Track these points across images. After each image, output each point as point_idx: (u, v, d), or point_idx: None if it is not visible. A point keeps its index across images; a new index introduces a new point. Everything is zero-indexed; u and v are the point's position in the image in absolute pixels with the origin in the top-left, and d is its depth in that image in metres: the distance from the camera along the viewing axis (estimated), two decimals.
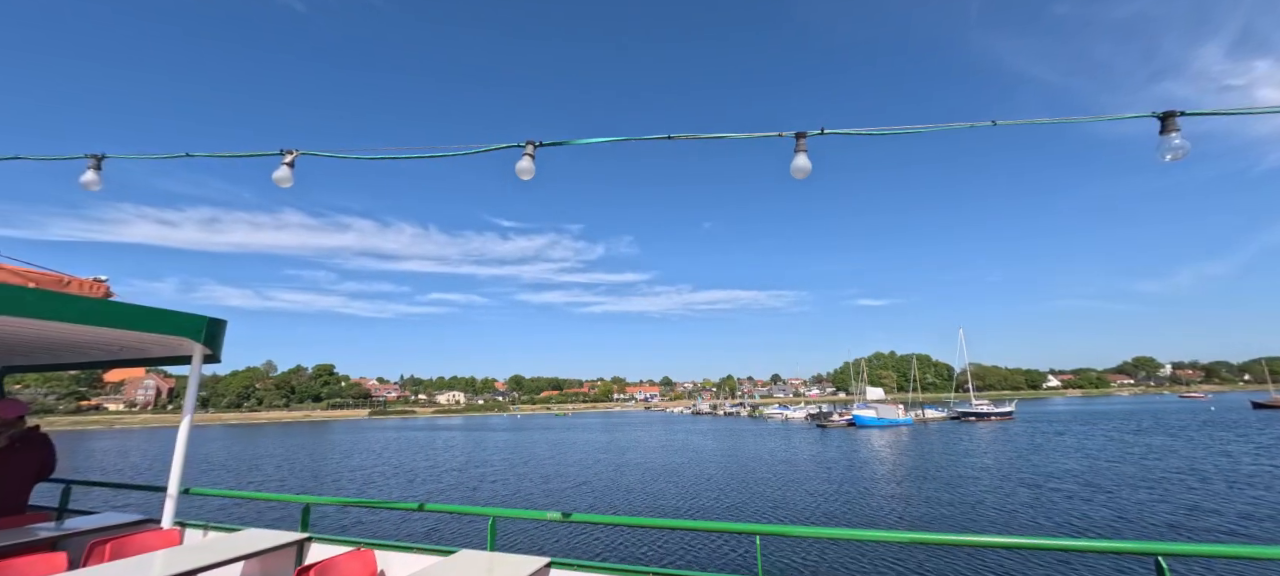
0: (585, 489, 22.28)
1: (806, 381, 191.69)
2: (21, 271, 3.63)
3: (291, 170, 3.81)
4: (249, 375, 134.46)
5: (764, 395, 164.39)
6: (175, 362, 4.76)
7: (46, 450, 4.46)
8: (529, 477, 25.99)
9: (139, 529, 4.17)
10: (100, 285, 3.98)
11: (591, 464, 30.38)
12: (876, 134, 3.42)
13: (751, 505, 18.01)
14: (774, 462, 28.49)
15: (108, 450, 49.19)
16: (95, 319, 3.47)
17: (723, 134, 3.57)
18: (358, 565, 3.65)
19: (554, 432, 59.26)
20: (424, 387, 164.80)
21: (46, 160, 3.52)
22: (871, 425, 55.31)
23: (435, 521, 15.04)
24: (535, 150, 3.56)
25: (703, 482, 22.84)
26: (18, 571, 3.21)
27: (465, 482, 25.52)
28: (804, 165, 3.36)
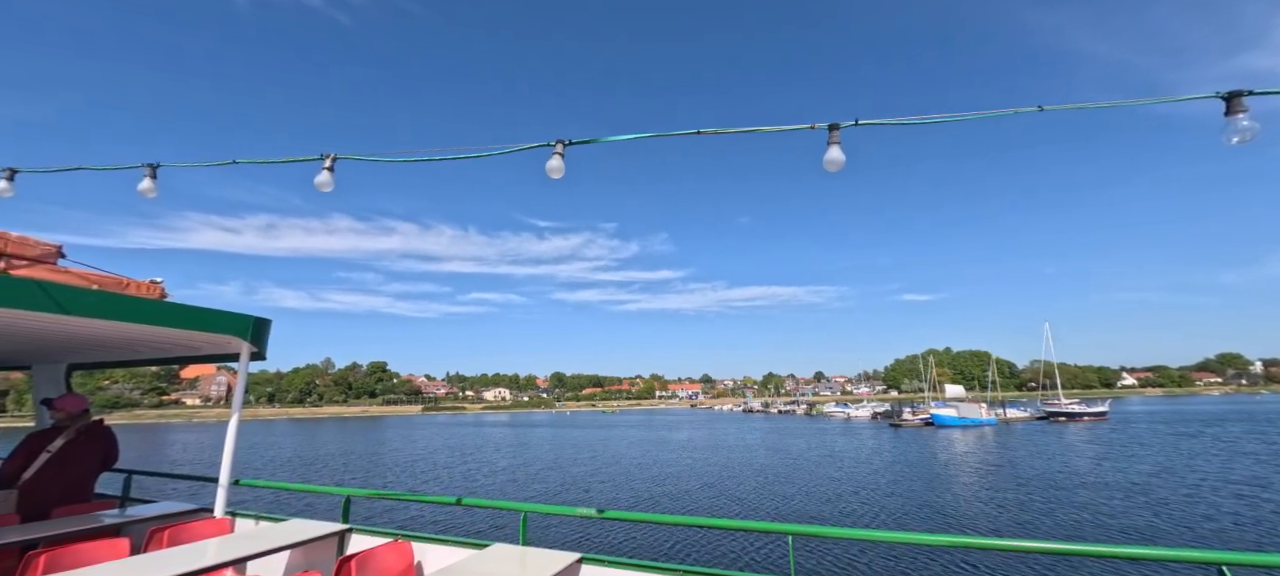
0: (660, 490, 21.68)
1: (852, 379, 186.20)
2: (86, 274, 3.94)
3: (331, 174, 3.92)
4: (310, 372, 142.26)
5: (813, 394, 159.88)
6: (224, 359, 5.04)
7: (109, 441, 4.80)
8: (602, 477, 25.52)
9: (194, 517, 4.43)
10: (156, 287, 4.25)
11: (656, 463, 29.81)
12: (915, 123, 3.23)
13: (848, 512, 16.78)
14: (852, 465, 26.87)
15: (184, 443, 53.32)
16: (149, 318, 3.72)
17: (753, 128, 3.45)
18: (396, 556, 3.75)
19: (605, 430, 58.96)
20: (469, 384, 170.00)
21: (108, 170, 3.75)
22: (952, 425, 51.95)
23: (472, 515, 15.49)
24: (564, 149, 3.56)
25: (782, 485, 21.57)
26: (86, 556, 3.45)
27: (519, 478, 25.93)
28: (837, 158, 3.22)
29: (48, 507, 4.36)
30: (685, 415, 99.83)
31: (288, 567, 4.19)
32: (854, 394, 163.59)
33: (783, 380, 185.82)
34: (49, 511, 4.35)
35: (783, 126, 3.36)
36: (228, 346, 4.53)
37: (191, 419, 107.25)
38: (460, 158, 3.89)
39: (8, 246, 3.88)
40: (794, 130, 3.35)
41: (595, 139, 3.67)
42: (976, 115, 3.15)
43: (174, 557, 3.35)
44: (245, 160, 4.12)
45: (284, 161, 4.13)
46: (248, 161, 4.25)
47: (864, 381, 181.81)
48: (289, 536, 3.83)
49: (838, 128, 3.25)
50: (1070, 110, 3.24)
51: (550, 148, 3.55)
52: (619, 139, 3.66)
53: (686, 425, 66.20)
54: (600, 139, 3.67)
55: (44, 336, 4.36)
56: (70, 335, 4.30)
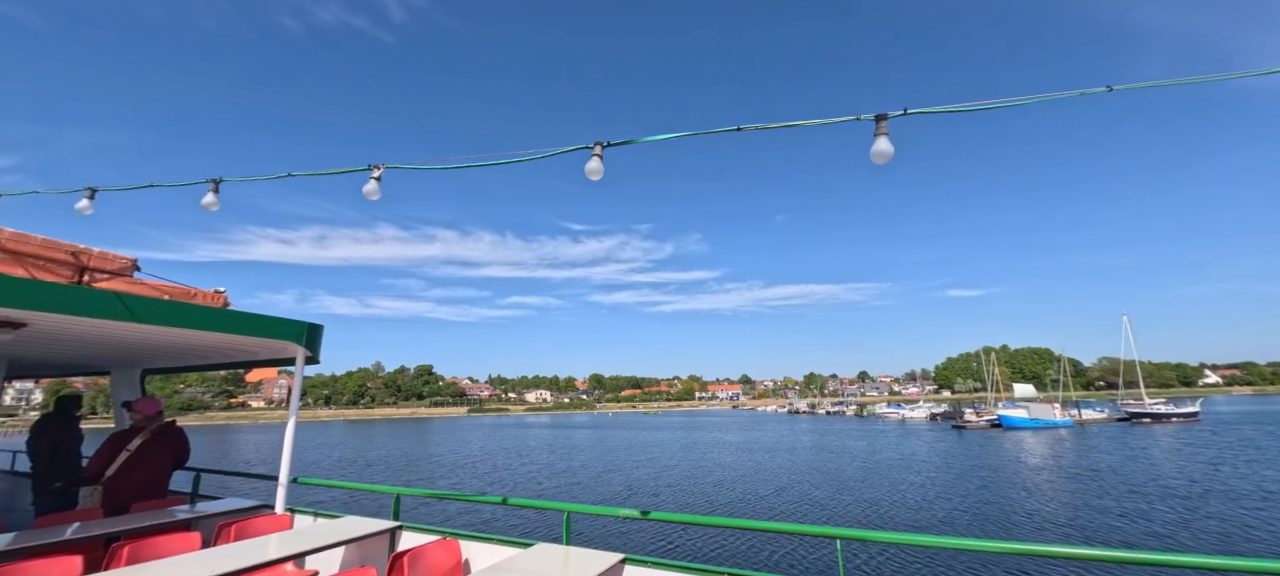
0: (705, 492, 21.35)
1: (899, 379, 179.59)
2: (158, 285, 4.24)
3: (379, 184, 4.06)
4: (362, 375, 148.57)
5: (861, 394, 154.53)
6: (281, 363, 5.32)
7: (181, 441, 5.13)
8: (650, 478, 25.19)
9: (257, 513, 4.67)
10: (220, 296, 4.53)
11: (701, 464, 29.32)
12: (969, 111, 3.06)
13: (915, 520, 15.96)
14: (916, 469, 25.44)
15: (249, 442, 56.61)
16: (213, 325, 3.96)
17: (795, 122, 3.35)
18: (444, 553, 3.83)
19: (647, 432, 58.44)
20: (511, 386, 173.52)
21: (177, 186, 3.99)
22: (1022, 426, 48.56)
23: (516, 514, 15.76)
24: (603, 150, 3.56)
25: (838, 489, 20.61)
26: (163, 548, 3.68)
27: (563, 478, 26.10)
28: (885, 149, 3.09)
29: (128, 503, 4.69)
30: (727, 416, 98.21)
31: (343, 562, 4.35)
32: (903, 394, 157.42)
33: (825, 380, 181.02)
34: (129, 506, 4.68)
35: (826, 120, 3.25)
36: (284, 351, 4.77)
37: (257, 420, 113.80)
38: (500, 162, 3.94)
39: (90, 260, 4.21)
40: (838, 123, 3.24)
41: (633, 139, 3.65)
42: (1037, 98, 2.96)
43: (241, 552, 3.53)
44: (300, 173, 4.30)
45: (334, 173, 4.29)
46: (301, 174, 4.44)
47: (912, 381, 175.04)
48: (344, 532, 3.97)
49: (885, 118, 3.12)
50: (1144, 89, 2.98)
51: (589, 150, 3.56)
52: (657, 139, 3.62)
53: (730, 426, 64.95)
54: (638, 139, 3.65)
55: (122, 343, 4.70)
56: (145, 342, 4.62)
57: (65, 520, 4.40)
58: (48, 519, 4.48)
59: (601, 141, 3.55)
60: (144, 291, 4.20)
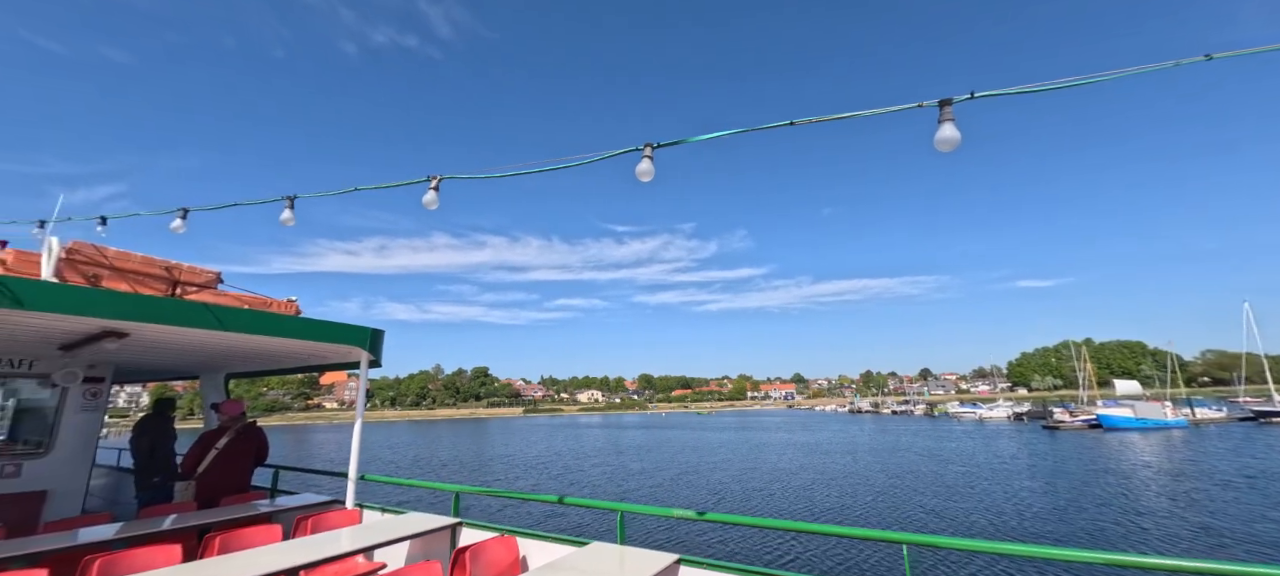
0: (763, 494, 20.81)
1: (966, 376, 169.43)
2: (239, 296, 4.60)
3: (437, 193, 4.21)
4: (423, 377, 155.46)
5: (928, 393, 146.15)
6: (347, 367, 5.65)
7: (262, 440, 5.52)
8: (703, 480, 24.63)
9: (330, 508, 4.94)
10: (292, 305, 4.85)
11: (760, 466, 28.59)
12: (1042, 91, 2.81)
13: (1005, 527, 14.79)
14: (1007, 476, 23.25)
15: (323, 441, 60.43)
16: (287, 331, 4.26)
17: (852, 113, 3.20)
18: (503, 550, 3.92)
19: (701, 432, 57.50)
20: (562, 387, 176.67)
21: (257, 204, 4.27)
22: (1127, 427, 44.00)
23: (571, 513, 15.97)
24: (653, 152, 3.53)
25: (916, 495, 19.18)
26: (249, 539, 3.95)
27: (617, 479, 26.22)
28: (951, 136, 2.91)
29: (217, 496, 5.09)
30: (784, 416, 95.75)
31: (408, 556, 4.54)
32: (974, 392, 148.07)
33: (884, 378, 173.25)
34: (218, 499, 5.08)
35: (884, 109, 3.08)
36: (350, 355, 5.06)
37: (331, 420, 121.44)
38: (551, 169, 3.96)
39: (181, 275, 4.60)
40: (899, 111, 3.07)
41: (683, 139, 3.58)
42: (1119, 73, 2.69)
43: (317, 544, 3.75)
44: (365, 187, 4.52)
45: (396, 185, 4.46)
46: (366, 188, 4.64)
47: (981, 378, 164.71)
48: (408, 528, 4.14)
49: (950, 103, 2.93)
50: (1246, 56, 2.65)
51: (639, 152, 3.53)
52: (707, 138, 3.53)
53: (788, 426, 63.17)
54: (688, 139, 3.57)
55: (210, 349, 5.11)
56: (229, 348, 5.01)
57: (164, 511, 4.83)
58: (150, 510, 4.93)
59: (651, 143, 3.52)
60: (227, 302, 4.57)
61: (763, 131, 3.43)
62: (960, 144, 2.92)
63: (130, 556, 3.46)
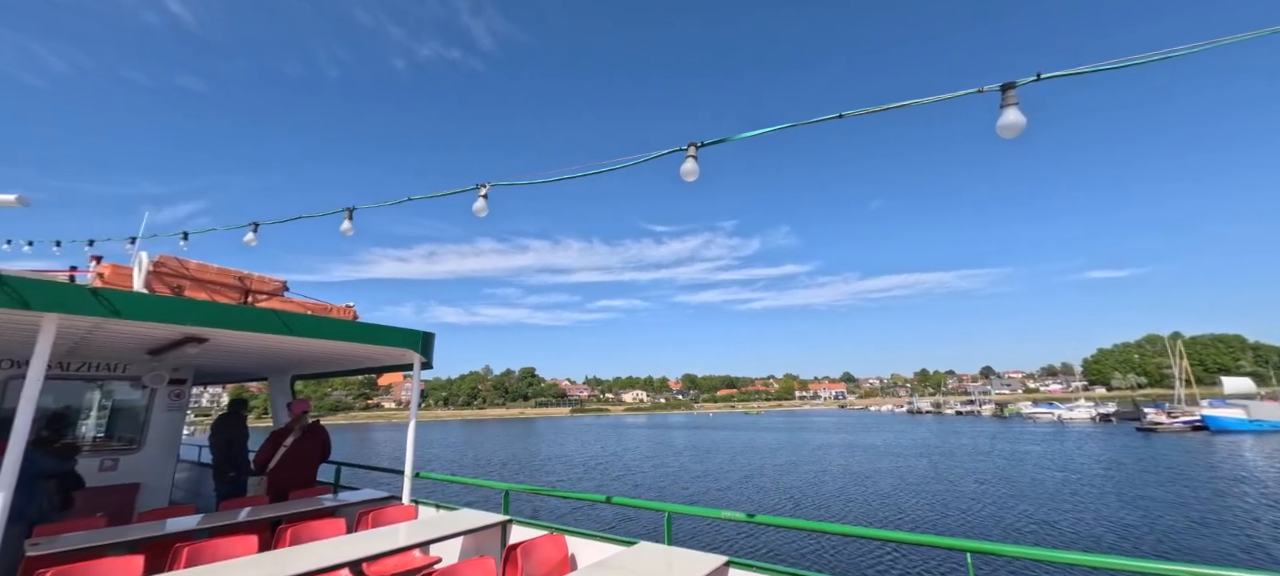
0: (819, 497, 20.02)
1: (1034, 374, 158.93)
2: (303, 303, 4.90)
3: (486, 201, 4.31)
4: (473, 378, 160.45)
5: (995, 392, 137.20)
6: (401, 368, 5.92)
7: (325, 438, 5.85)
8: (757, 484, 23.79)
9: (388, 503, 5.17)
10: (350, 310, 5.13)
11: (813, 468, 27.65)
12: (1115, 68, 2.60)
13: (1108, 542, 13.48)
14: (1104, 483, 21.32)
15: (381, 439, 63.30)
16: (346, 335, 4.51)
17: (907, 102, 3.06)
18: (552, 548, 3.98)
19: (750, 432, 56.23)
20: (607, 387, 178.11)
21: (319, 216, 4.51)
22: (1238, 429, 39.93)
23: (617, 513, 16.05)
24: (697, 151, 3.48)
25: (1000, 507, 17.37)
26: (316, 531, 4.19)
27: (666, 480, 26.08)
28: (1015, 121, 2.73)
29: (286, 490, 5.43)
30: (836, 417, 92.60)
31: (462, 552, 4.68)
32: (1045, 391, 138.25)
33: (942, 376, 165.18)
34: (287, 493, 5.42)
35: (943, 95, 2.91)
36: (403, 358, 5.31)
37: (389, 419, 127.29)
38: (595, 172, 3.94)
39: (252, 284, 4.95)
40: (958, 98, 2.90)
41: (728, 138, 3.50)
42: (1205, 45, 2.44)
43: (378, 537, 3.92)
44: (418, 196, 4.68)
45: (447, 194, 4.59)
46: (420, 197, 4.80)
47: (1050, 376, 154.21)
48: (462, 524, 4.27)
49: (1013, 87, 2.76)
50: None
51: (682, 152, 3.48)
52: (752, 134, 3.44)
53: (843, 427, 60.92)
54: (733, 137, 3.49)
55: (277, 352, 5.46)
56: (294, 352, 5.34)
57: (240, 504, 5.19)
58: (228, 503, 5.32)
59: (695, 142, 3.47)
60: (292, 308, 4.89)
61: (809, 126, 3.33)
62: (1025, 129, 2.75)
63: (213, 545, 3.73)
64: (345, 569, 3.50)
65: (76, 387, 6.15)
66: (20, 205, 8.42)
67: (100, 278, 4.83)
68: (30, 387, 3.04)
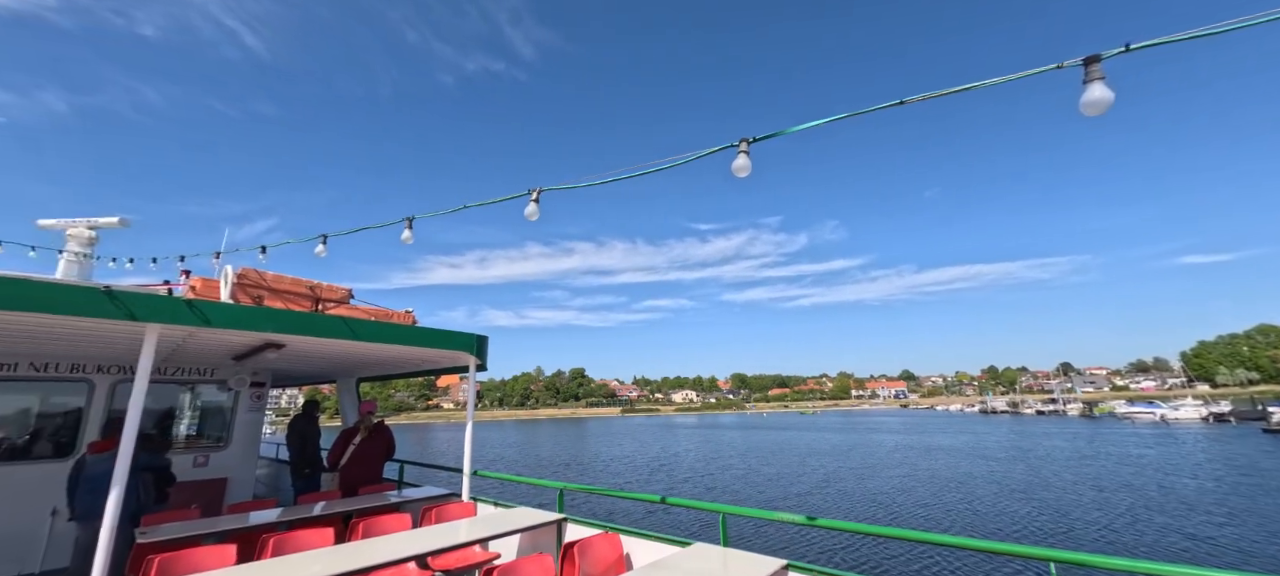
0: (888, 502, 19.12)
1: (1122, 370, 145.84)
2: (367, 309, 5.19)
3: (537, 205, 4.39)
4: (526, 379, 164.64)
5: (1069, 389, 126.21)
6: (457, 370, 6.16)
7: (389, 437, 6.15)
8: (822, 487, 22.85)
9: (449, 500, 5.38)
10: (409, 315, 5.39)
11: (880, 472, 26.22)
12: (1217, 33, 2.34)
13: None
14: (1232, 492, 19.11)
15: (441, 438, 65.91)
16: (405, 339, 4.75)
17: (974, 84, 2.86)
18: (607, 546, 4.01)
19: (809, 433, 54.41)
20: (656, 387, 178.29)
21: (382, 226, 4.74)
22: None
23: (670, 513, 15.98)
24: (749, 146, 3.40)
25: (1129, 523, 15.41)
26: (385, 526, 4.40)
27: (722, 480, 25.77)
28: (1100, 98, 2.48)
29: (356, 486, 5.75)
30: (900, 417, 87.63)
31: (519, 548, 4.80)
32: (1136, 389, 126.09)
33: (1015, 373, 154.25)
34: (356, 489, 5.73)
35: (1016, 75, 2.71)
36: (459, 360, 5.53)
37: (448, 419, 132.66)
38: (646, 172, 3.90)
39: (321, 292, 5.28)
40: (1034, 76, 2.68)
41: (780, 131, 3.39)
42: None
43: (441, 533, 4.08)
44: (473, 204, 4.82)
45: (500, 200, 4.67)
46: (474, 205, 4.93)
47: (1141, 372, 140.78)
48: (519, 521, 4.38)
49: (1099, 60, 2.51)
50: None
51: (734, 148, 3.41)
52: (805, 127, 3.32)
53: (910, 428, 57.71)
54: (786, 131, 3.38)
55: (344, 356, 5.80)
56: (359, 355, 5.66)
57: (316, 499, 5.54)
58: (305, 497, 5.69)
59: (747, 138, 3.39)
60: (357, 315, 5.20)
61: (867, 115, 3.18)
62: (1112, 105, 2.51)
63: (294, 537, 3.99)
64: (412, 562, 3.66)
65: (172, 390, 6.75)
66: (122, 226, 9.38)
67: (192, 290, 5.28)
68: (138, 391, 3.35)
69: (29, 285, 3.19)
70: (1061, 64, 2.56)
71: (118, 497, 3.21)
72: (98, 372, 5.98)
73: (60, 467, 5.13)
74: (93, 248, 9.02)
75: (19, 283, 3.13)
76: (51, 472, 5.33)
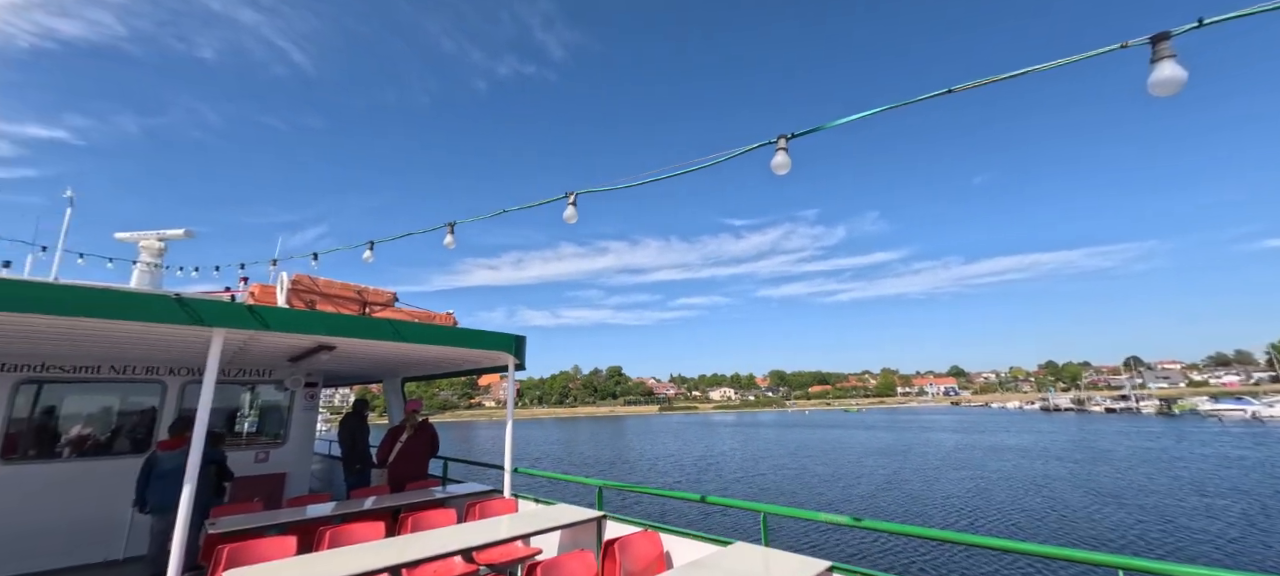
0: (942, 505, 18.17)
1: (1200, 364, 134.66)
2: (411, 312, 5.39)
3: (575, 208, 4.45)
4: (564, 377, 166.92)
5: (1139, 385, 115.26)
6: (497, 370, 6.31)
7: (434, 435, 6.35)
8: None
9: (491, 496, 5.51)
10: (449, 317, 5.57)
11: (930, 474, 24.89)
12: None
13: None
14: None
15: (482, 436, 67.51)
16: (446, 340, 4.91)
17: (1028, 69, 2.73)
18: (647, 544, 4.02)
19: (855, 432, 52.49)
20: (693, 385, 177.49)
21: (422, 232, 4.89)
22: None
23: (709, 513, 15.82)
24: (788, 143, 3.36)
25: None
26: (431, 521, 4.55)
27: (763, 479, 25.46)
28: (1171, 76, 2.33)
29: (403, 482, 5.97)
30: (953, 415, 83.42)
31: (560, 545, 4.87)
32: (1217, 385, 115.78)
33: (1077, 368, 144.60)
34: (403, 485, 5.95)
35: (1075, 57, 2.55)
36: (498, 360, 5.67)
37: (490, 417, 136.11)
38: (684, 172, 3.89)
39: (368, 296, 5.52)
40: (1098, 56, 2.52)
41: (821, 126, 3.33)
42: None
43: (485, 528, 4.19)
44: (512, 208, 4.93)
45: (538, 204, 4.76)
46: (514, 209, 5.04)
47: (1221, 366, 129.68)
48: (560, 518, 4.45)
49: (1168, 37, 2.35)
50: None
51: (773, 145, 3.37)
52: (849, 120, 3.22)
53: (972, 426, 54.65)
54: (826, 125, 3.31)
55: (389, 357, 6.03)
56: (403, 355, 5.87)
57: (367, 493, 5.79)
58: (356, 492, 5.95)
59: (786, 133, 3.34)
60: (401, 317, 5.41)
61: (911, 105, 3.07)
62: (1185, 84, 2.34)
63: (349, 530, 4.18)
64: (459, 556, 3.77)
65: (235, 390, 7.19)
66: (187, 237, 10.05)
67: (252, 296, 5.60)
68: (206, 390, 3.59)
69: (112, 294, 3.46)
70: (1126, 43, 2.41)
71: (190, 491, 3.43)
72: (169, 374, 6.43)
73: (138, 462, 5.54)
74: (162, 257, 9.73)
75: (104, 292, 3.41)
76: (131, 467, 5.76)
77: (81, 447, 5.94)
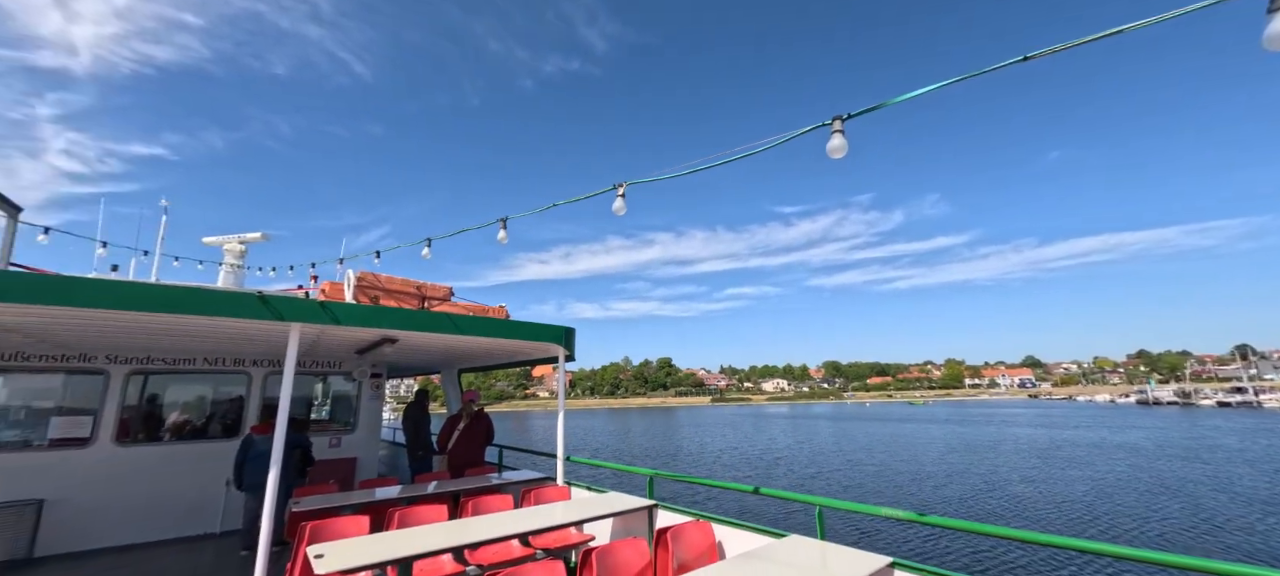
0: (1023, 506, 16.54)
1: None
2: (466, 306, 5.63)
3: (624, 200, 4.47)
4: (614, 369, 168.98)
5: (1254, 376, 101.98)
6: (548, 361, 6.49)
7: (489, 424, 6.61)
8: None
9: (545, 484, 5.67)
10: (502, 310, 5.76)
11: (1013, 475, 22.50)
12: None
13: None
14: None
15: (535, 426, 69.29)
16: (499, 332, 5.09)
17: (1114, 29, 2.48)
18: (699, 534, 4.02)
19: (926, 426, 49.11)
20: (743, 376, 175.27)
21: (476, 228, 5.07)
22: None
23: (762, 505, 15.56)
24: (843, 125, 3.20)
25: None
26: (490, 505, 4.75)
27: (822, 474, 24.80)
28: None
29: (462, 468, 6.25)
30: (1031, 409, 76.86)
31: (612, 532, 4.96)
32: None
33: (1177, 358, 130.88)
34: (462, 471, 6.23)
35: (1177, 11, 2.29)
36: (549, 351, 5.82)
37: (545, 408, 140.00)
38: (735, 159, 3.79)
39: (427, 291, 5.80)
40: (1200, 10, 2.25)
41: (881, 104, 3.13)
42: None
43: (540, 514, 4.32)
44: (562, 202, 5.02)
45: (587, 197, 4.79)
46: (563, 203, 5.13)
47: None
48: (612, 506, 4.52)
49: None
50: None
51: (827, 127, 3.22)
52: (912, 96, 3.00)
53: (1061, 421, 49.88)
54: (887, 102, 3.12)
55: (447, 349, 6.31)
56: (460, 348, 6.13)
57: (429, 478, 6.10)
58: (420, 477, 6.29)
59: (841, 115, 3.18)
60: (458, 310, 5.64)
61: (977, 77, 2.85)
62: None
63: (415, 511, 4.43)
64: (516, 539, 3.91)
65: (309, 381, 7.75)
66: (263, 240, 10.89)
67: (323, 293, 6.00)
68: (287, 380, 3.90)
69: (207, 293, 3.83)
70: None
71: (277, 472, 3.74)
72: (253, 366, 7.01)
73: (230, 446, 6.08)
74: (243, 259, 10.62)
75: (201, 292, 3.78)
76: (224, 449, 6.33)
77: (180, 432, 6.59)
